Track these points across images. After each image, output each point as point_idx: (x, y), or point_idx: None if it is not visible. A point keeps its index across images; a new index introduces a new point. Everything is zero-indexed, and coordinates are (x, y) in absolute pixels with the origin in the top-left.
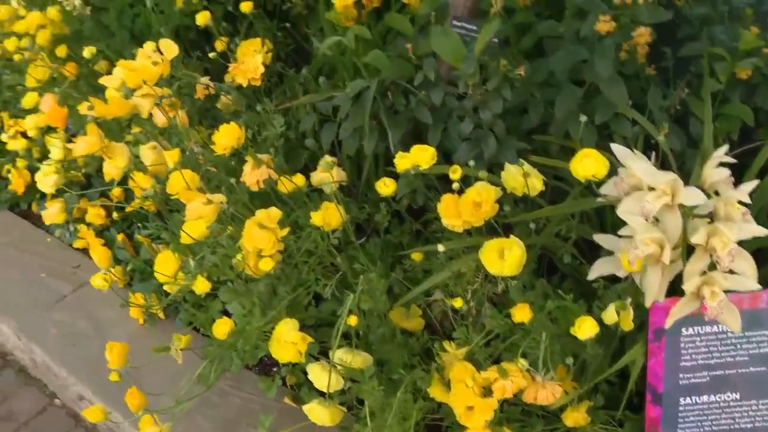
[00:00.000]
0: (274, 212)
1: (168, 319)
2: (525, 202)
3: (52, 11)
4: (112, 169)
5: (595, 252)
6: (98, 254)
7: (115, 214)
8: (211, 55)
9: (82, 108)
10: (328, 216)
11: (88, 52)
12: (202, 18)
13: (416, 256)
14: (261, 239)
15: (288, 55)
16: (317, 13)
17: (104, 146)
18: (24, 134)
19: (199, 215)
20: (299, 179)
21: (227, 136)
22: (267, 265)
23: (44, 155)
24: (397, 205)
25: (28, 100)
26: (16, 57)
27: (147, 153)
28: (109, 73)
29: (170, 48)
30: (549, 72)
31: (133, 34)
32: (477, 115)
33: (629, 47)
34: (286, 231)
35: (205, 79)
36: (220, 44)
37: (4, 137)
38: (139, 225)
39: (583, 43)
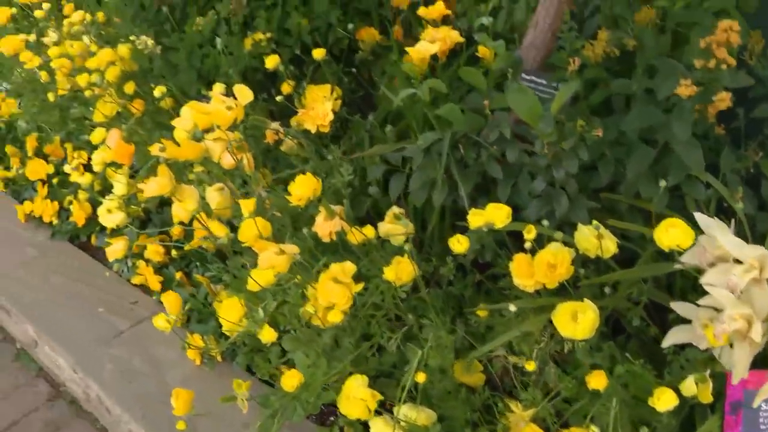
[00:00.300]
0: (349, 267)
1: (225, 362)
2: (595, 263)
3: (123, 49)
4: (181, 212)
5: (662, 314)
6: (170, 301)
7: (174, 252)
8: (279, 99)
9: (154, 149)
10: (401, 271)
11: (158, 91)
12: (272, 62)
13: (482, 312)
14: (336, 294)
15: (352, 100)
16: (385, 60)
17: (175, 188)
18: (87, 167)
19: (271, 265)
20: (369, 231)
21: (303, 187)
22: (336, 318)
23: (105, 188)
24: (463, 258)
25: (96, 136)
26: (87, 93)
27: (213, 195)
28: (175, 111)
29: (244, 93)
30: (620, 130)
31: (200, 74)
32: (550, 172)
33: (700, 107)
34: (360, 287)
35: (275, 125)
36: (286, 87)
37: (67, 168)
38: (197, 264)
39: (655, 102)
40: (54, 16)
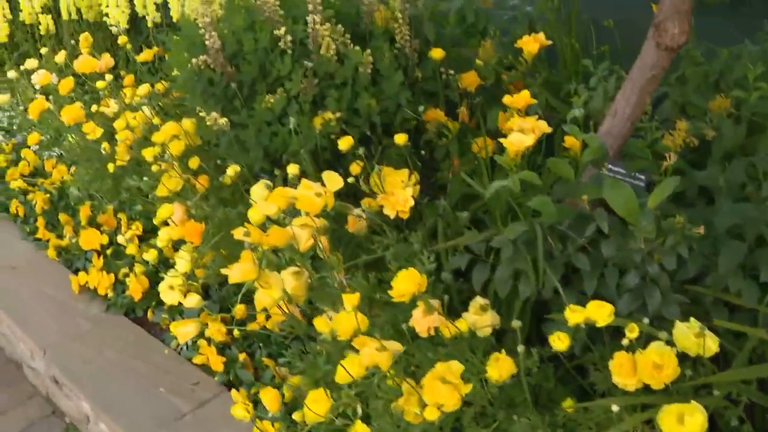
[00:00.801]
0: (456, 367)
1: None
2: (692, 361)
3: (187, 123)
4: (266, 299)
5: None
6: (269, 398)
7: (236, 332)
8: (350, 180)
9: (238, 233)
10: (501, 368)
11: (232, 170)
12: (345, 143)
13: (568, 403)
14: (444, 394)
15: (419, 181)
16: (456, 144)
17: (260, 275)
18: (141, 238)
19: (373, 362)
20: (462, 324)
21: (407, 283)
22: (432, 415)
23: (162, 261)
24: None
25: (162, 212)
26: (154, 168)
27: (288, 279)
28: (241, 188)
29: (334, 180)
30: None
31: (267, 152)
32: (644, 266)
33: None
34: (469, 387)
35: (358, 211)
36: (356, 168)
37: (121, 239)
38: (260, 345)
39: (740, 194)
40: (113, 86)
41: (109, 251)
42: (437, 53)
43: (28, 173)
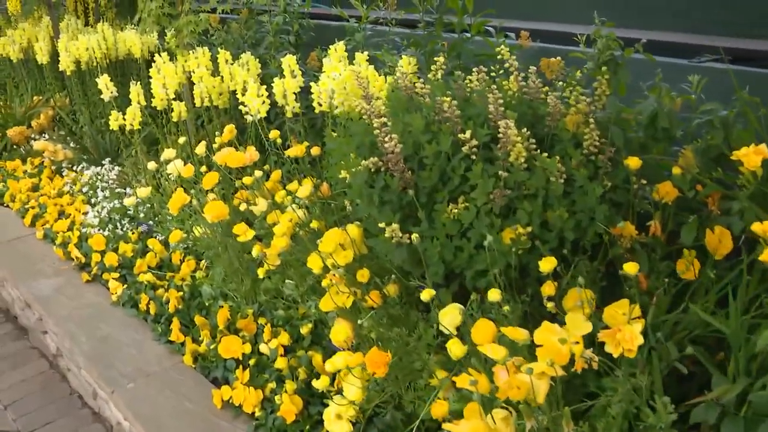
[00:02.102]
0: None
1: None
2: None
3: (354, 230)
4: None
5: None
6: None
7: None
8: (549, 305)
9: (462, 382)
10: None
11: (427, 294)
12: (548, 265)
13: None
14: None
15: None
16: (646, 261)
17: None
18: (287, 349)
19: None
20: None
21: None
22: None
23: (311, 371)
24: None
25: (337, 332)
26: (324, 282)
27: (500, 425)
28: (422, 308)
29: (579, 324)
30: None
31: (449, 268)
32: None
33: None
34: None
35: (588, 352)
36: (549, 288)
37: (263, 348)
38: None
39: None
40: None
41: (251, 361)
42: (634, 162)
43: (155, 265)
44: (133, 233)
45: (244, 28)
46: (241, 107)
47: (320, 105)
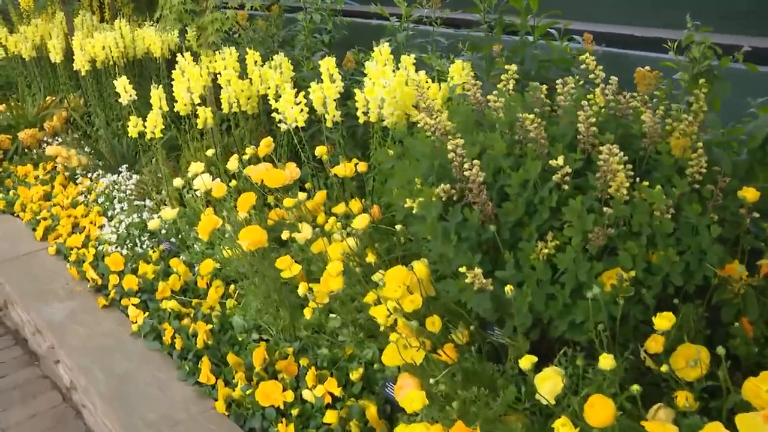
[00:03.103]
0: None
1: None
2: None
3: (421, 268)
4: None
5: None
6: None
7: None
8: (664, 369)
9: None
10: None
11: (527, 362)
12: (664, 321)
13: None
14: None
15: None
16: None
17: None
18: (334, 397)
19: None
20: None
21: None
22: None
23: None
24: None
25: (412, 401)
26: (392, 337)
27: None
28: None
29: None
30: None
31: (536, 317)
32: None
33: None
34: None
35: None
36: (655, 344)
37: (307, 395)
38: None
39: None
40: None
41: (294, 411)
42: (751, 194)
43: (179, 289)
44: (154, 251)
45: (273, 26)
46: (274, 114)
47: (365, 115)
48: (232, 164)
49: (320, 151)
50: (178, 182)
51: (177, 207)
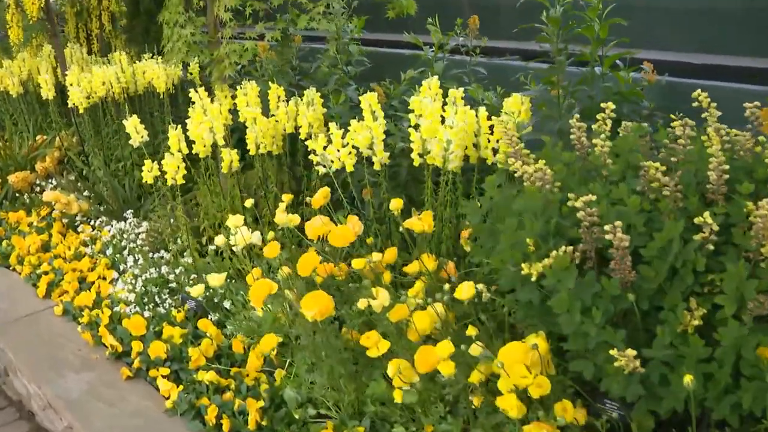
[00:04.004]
0: None
1: None
2: None
3: (542, 344)
4: None
5: None
6: None
7: None
8: None
9: None
10: None
11: None
12: None
13: None
14: None
15: None
16: None
17: None
18: None
19: None
20: None
21: None
22: None
23: None
24: None
25: None
26: (518, 413)
27: None
28: None
29: None
30: None
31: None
32: None
33: None
34: None
35: None
36: None
37: None
38: None
39: None
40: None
41: None
42: None
43: (212, 355)
44: (178, 311)
45: (288, 56)
46: (312, 157)
47: (421, 157)
48: (282, 218)
49: (396, 204)
50: (220, 240)
51: (199, 259)
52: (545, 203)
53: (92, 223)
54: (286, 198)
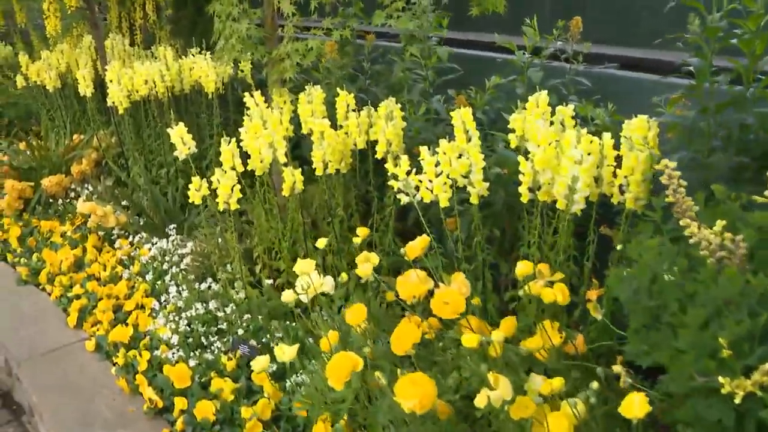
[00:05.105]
0: None
1: None
2: None
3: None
4: None
5: None
6: None
7: None
8: None
9: None
10: None
11: None
12: None
13: None
14: None
15: None
16: None
17: None
18: None
19: None
20: None
21: None
22: None
23: None
24: None
25: None
26: None
27: None
28: None
29: None
30: None
31: None
32: None
33: None
34: None
35: None
36: None
37: None
38: None
39: None
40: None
41: None
42: None
43: (269, 417)
44: (229, 358)
45: (357, 57)
46: (392, 183)
47: (531, 192)
48: (364, 271)
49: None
50: (289, 297)
51: (252, 292)
52: (744, 291)
53: (131, 238)
54: (362, 233)
